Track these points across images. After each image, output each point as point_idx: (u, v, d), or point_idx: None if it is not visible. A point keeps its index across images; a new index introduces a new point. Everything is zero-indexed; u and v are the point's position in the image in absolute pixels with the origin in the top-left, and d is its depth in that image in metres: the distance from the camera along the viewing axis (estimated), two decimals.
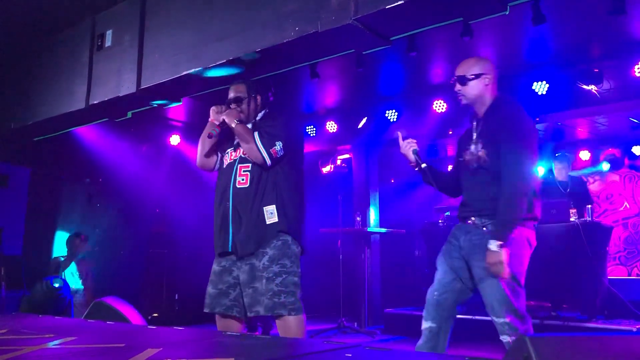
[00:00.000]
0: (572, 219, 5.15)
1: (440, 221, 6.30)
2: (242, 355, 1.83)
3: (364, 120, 6.79)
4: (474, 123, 2.85)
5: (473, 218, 2.73)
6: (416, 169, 2.91)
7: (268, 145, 2.95)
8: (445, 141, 7.26)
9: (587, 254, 5.00)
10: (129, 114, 4.44)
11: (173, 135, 7.18)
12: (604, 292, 5.15)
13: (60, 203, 6.67)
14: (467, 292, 2.76)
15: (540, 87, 5.49)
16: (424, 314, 2.77)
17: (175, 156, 7.17)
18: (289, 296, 2.85)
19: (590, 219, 5.16)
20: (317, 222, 7.12)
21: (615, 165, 7.65)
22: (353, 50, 3.32)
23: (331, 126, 7.09)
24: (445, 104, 6.15)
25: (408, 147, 2.89)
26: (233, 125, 3.03)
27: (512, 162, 2.60)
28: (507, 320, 2.55)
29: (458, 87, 2.80)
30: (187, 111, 6.91)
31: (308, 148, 7.90)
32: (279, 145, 2.96)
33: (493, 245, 2.52)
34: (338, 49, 3.28)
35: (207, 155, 3.23)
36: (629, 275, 7.40)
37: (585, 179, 7.09)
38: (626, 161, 7.52)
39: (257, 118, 3.18)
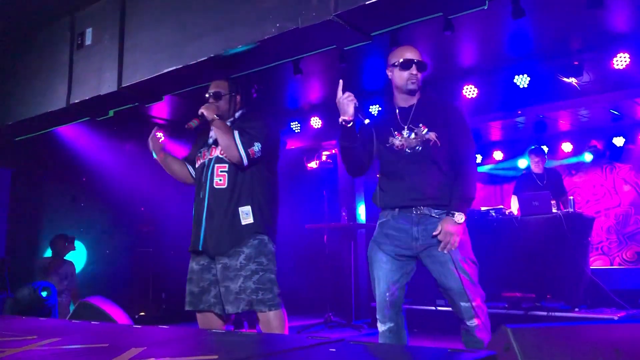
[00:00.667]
0: (554, 210, 5.21)
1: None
2: (226, 353, 1.84)
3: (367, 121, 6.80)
4: (397, 110, 2.86)
5: (422, 207, 2.70)
6: (349, 125, 2.80)
7: (247, 145, 2.94)
8: None
9: (569, 245, 5.06)
10: (111, 113, 4.41)
11: (157, 133, 7.13)
12: (586, 282, 5.22)
13: (43, 204, 6.61)
14: (407, 280, 2.77)
15: (522, 80, 5.54)
16: (378, 316, 2.75)
17: None
18: (266, 293, 2.88)
19: (572, 210, 5.22)
20: (303, 218, 7.14)
21: (597, 156, 7.75)
22: (335, 46, 3.33)
23: (316, 122, 7.10)
24: None
25: (350, 99, 2.80)
26: (212, 119, 3.01)
27: (470, 149, 2.75)
28: (474, 303, 2.60)
29: (416, 71, 2.79)
30: (171, 109, 6.88)
31: (293, 144, 7.92)
32: (257, 147, 2.95)
33: (459, 217, 2.59)
34: (319, 45, 3.28)
35: (176, 171, 3.27)
36: (611, 264, 7.51)
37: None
38: (607, 152, 7.62)
39: (236, 116, 3.16)
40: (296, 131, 7.31)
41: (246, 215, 2.94)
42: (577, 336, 2.19)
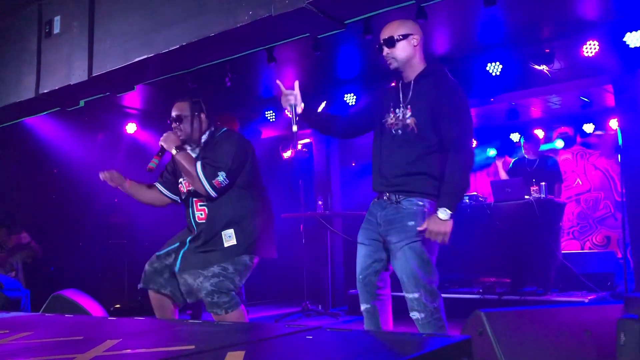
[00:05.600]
0: (527, 197, 5.29)
1: None
2: (202, 342, 1.83)
3: (323, 104, 6.79)
4: (400, 84, 2.72)
5: (388, 194, 2.66)
6: (295, 120, 2.77)
7: (210, 177, 2.94)
8: None
9: (541, 230, 5.16)
10: (82, 103, 4.33)
11: (129, 124, 7.04)
12: (558, 266, 5.33)
13: (14, 196, 6.48)
14: (385, 268, 2.74)
15: (494, 68, 5.59)
16: (360, 297, 2.78)
17: (132, 144, 7.04)
18: (222, 296, 2.92)
19: (544, 195, 5.31)
20: (279, 207, 7.10)
21: (568, 142, 7.89)
22: (308, 34, 3.32)
23: None
24: None
25: (286, 101, 2.80)
26: (173, 153, 3.00)
27: (463, 136, 2.56)
28: (416, 295, 2.54)
29: (386, 50, 2.65)
30: (143, 98, 6.78)
31: (268, 133, 7.88)
32: (222, 176, 2.95)
33: (443, 213, 2.48)
34: (293, 32, 3.27)
35: (144, 198, 3.32)
36: (582, 249, 7.68)
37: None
38: (578, 139, 7.76)
39: (203, 140, 3.12)
40: (271, 120, 7.27)
41: (229, 237, 2.99)
42: (548, 319, 2.24)
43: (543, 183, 5.41)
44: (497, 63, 5.57)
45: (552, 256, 5.27)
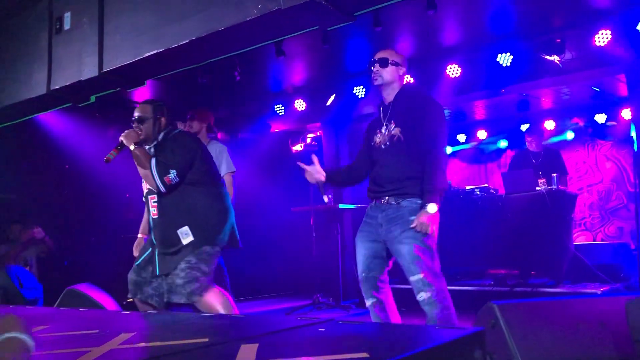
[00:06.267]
0: (538, 188, 5.26)
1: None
2: (216, 335, 1.85)
3: (333, 97, 6.78)
4: (381, 109, 3.15)
5: (387, 198, 2.98)
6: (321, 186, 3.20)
7: (162, 174, 3.12)
8: None
9: (553, 222, 5.13)
10: (93, 98, 4.35)
11: None
12: (570, 257, 5.30)
13: (25, 192, 6.53)
14: (386, 264, 3.05)
15: (505, 59, 5.55)
16: (364, 294, 3.06)
17: None
18: (193, 283, 3.10)
19: (555, 187, 5.28)
20: (289, 201, 7.13)
21: (579, 133, 7.82)
22: (317, 27, 3.30)
23: (300, 104, 7.06)
24: (412, 79, 6.17)
25: (312, 178, 3.22)
26: (131, 148, 3.18)
27: (437, 141, 2.94)
28: (420, 276, 2.81)
29: (377, 67, 3.07)
30: (153, 94, 6.80)
31: (277, 127, 7.88)
32: (173, 174, 3.13)
33: (432, 207, 2.81)
34: (302, 25, 3.25)
35: None
36: (594, 240, 7.63)
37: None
38: (589, 129, 7.70)
39: (159, 139, 3.32)
40: (280, 114, 7.26)
41: (185, 235, 3.16)
42: (562, 310, 2.23)
43: (554, 174, 5.37)
44: (508, 54, 5.52)
45: (564, 248, 5.24)
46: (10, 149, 6.21)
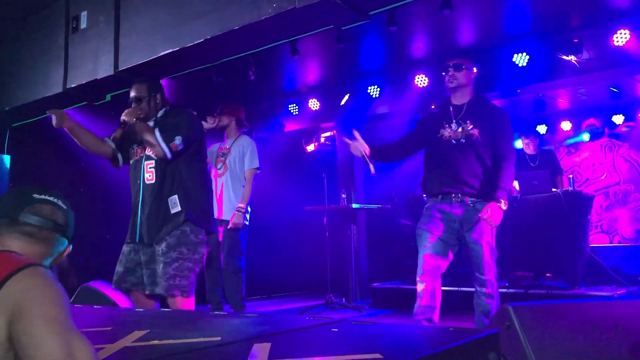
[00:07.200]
0: (554, 190, 5.21)
1: (424, 195, 6.34)
2: (228, 334, 1.85)
3: (347, 97, 6.77)
4: (451, 107, 3.37)
5: (464, 196, 3.22)
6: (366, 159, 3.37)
7: (168, 140, 3.16)
8: None
9: (569, 223, 5.07)
10: (108, 97, 4.39)
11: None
12: (586, 260, 5.24)
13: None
14: (450, 255, 3.32)
15: (521, 59, 5.50)
16: (425, 277, 3.26)
17: None
18: (183, 279, 3.12)
19: (572, 188, 5.22)
20: (303, 200, 7.13)
21: (596, 135, 7.73)
22: (332, 26, 3.30)
23: (314, 104, 7.05)
24: (426, 79, 6.14)
25: (357, 151, 3.35)
26: (134, 122, 3.23)
27: (509, 150, 3.27)
28: (487, 278, 3.22)
29: (452, 71, 3.32)
30: (168, 92, 6.82)
31: (291, 127, 7.88)
32: (178, 140, 3.17)
33: (504, 205, 3.12)
34: (317, 24, 3.25)
35: (89, 144, 3.59)
36: (610, 242, 7.54)
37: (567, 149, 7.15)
38: (606, 130, 7.61)
39: (158, 115, 3.36)
40: (294, 113, 7.26)
41: (174, 204, 3.20)
42: (578, 313, 2.20)
43: (571, 175, 5.33)
44: (524, 54, 5.47)
45: (580, 250, 5.18)
46: (27, 147, 6.27)
